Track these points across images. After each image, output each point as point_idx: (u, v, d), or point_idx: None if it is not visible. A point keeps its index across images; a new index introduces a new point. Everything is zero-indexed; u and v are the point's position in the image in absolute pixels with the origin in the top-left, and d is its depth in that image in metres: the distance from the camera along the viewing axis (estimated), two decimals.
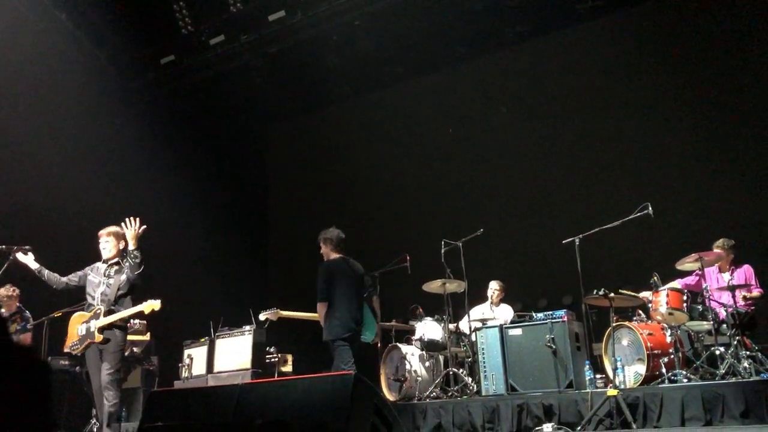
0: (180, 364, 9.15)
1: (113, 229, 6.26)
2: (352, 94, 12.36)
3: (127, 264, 6.06)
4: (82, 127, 9.89)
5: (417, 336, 7.98)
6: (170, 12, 10.59)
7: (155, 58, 11.17)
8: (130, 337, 8.33)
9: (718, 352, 6.10)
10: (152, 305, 6.08)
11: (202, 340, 9.08)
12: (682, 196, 9.10)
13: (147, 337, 8.97)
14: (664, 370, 6.16)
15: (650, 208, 6.51)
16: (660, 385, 5.98)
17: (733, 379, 5.72)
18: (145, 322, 8.68)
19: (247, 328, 8.65)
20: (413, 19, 10.29)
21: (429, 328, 7.90)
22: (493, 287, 8.48)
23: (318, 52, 10.94)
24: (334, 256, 6.84)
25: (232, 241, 11.77)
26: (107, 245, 6.24)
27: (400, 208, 11.39)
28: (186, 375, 8.99)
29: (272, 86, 11.74)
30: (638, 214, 6.62)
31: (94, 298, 6.13)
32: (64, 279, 6.31)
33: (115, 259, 6.24)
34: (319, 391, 3.65)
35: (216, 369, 8.74)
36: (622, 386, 6.09)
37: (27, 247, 6.40)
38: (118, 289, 6.10)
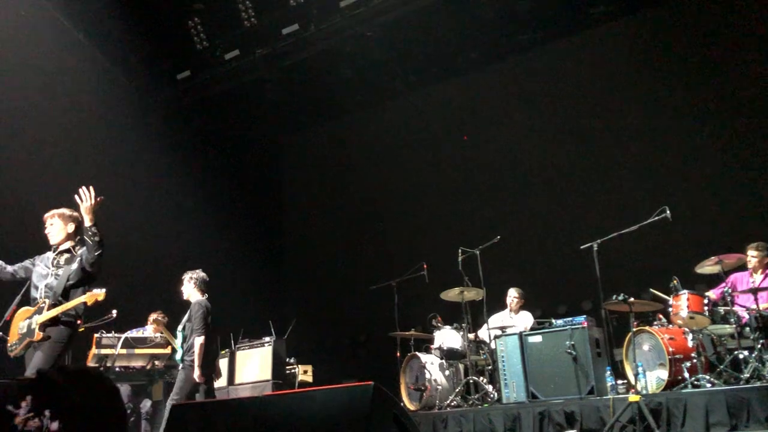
0: None
1: (60, 210, 5.42)
2: (366, 104, 12.41)
3: (83, 249, 5.22)
4: (100, 143, 10.01)
5: (436, 345, 7.97)
6: (185, 28, 10.74)
7: (171, 73, 11.30)
8: (152, 351, 8.40)
9: (741, 356, 6.02)
10: (96, 295, 5.20)
11: (223, 352, 9.12)
12: (700, 199, 9.02)
13: (168, 350, 9.01)
14: (686, 375, 6.10)
15: (668, 212, 6.45)
16: (683, 390, 5.92)
17: (758, 383, 5.63)
18: (164, 335, 8.73)
19: (267, 339, 8.70)
20: (425, 28, 10.33)
21: (448, 337, 7.88)
22: (512, 295, 8.44)
23: (331, 64, 11.02)
24: (202, 295, 6.87)
25: (249, 253, 11.83)
26: (52, 229, 5.41)
27: (417, 217, 11.40)
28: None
29: (287, 98, 11.83)
30: (656, 218, 6.57)
31: (38, 290, 5.28)
32: (10, 269, 5.45)
33: (66, 246, 5.40)
34: (338, 402, 3.65)
35: (237, 381, 8.79)
36: (645, 392, 6.02)
37: None
38: (68, 280, 5.24)
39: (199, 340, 6.48)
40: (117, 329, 7.63)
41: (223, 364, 9.02)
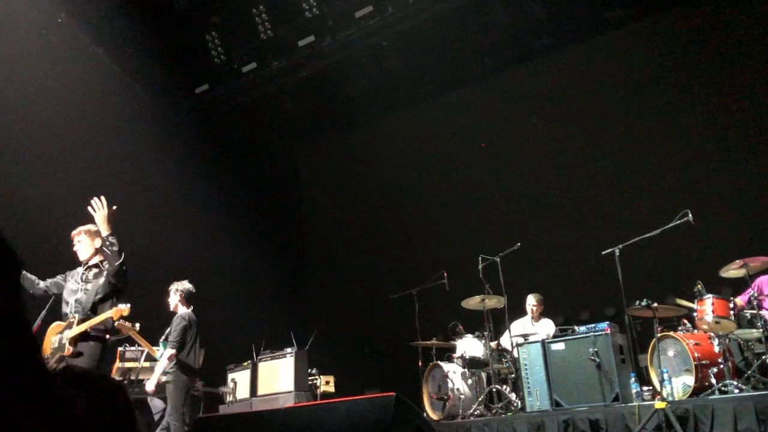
0: (224, 389, 9.23)
1: (86, 227, 5.48)
2: (383, 113, 12.44)
3: (106, 260, 5.30)
4: (120, 158, 10.13)
5: (458, 354, 7.93)
6: (203, 42, 10.86)
7: (190, 87, 11.43)
8: None
9: None
10: (121, 310, 5.24)
11: (245, 363, 9.15)
12: (722, 201, 8.91)
13: None
14: (713, 381, 6.01)
15: (690, 215, 6.38)
16: (710, 397, 5.83)
17: None
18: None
19: (289, 350, 8.71)
20: (440, 36, 10.34)
21: (470, 345, 7.85)
22: (531, 302, 8.37)
23: (348, 74, 11.07)
24: (187, 307, 6.87)
25: (269, 265, 11.87)
26: (80, 245, 5.51)
27: (436, 225, 11.38)
28: (230, 399, 9.06)
29: (304, 109, 11.89)
30: (678, 221, 6.50)
31: (69, 306, 5.36)
32: (42, 285, 5.55)
33: (94, 261, 5.49)
34: (360, 413, 3.65)
35: (260, 392, 8.79)
36: (671, 398, 5.95)
37: None
38: (96, 294, 5.30)
39: (168, 352, 6.51)
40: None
41: (245, 375, 9.06)
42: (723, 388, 5.88)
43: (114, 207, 5.26)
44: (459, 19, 10.07)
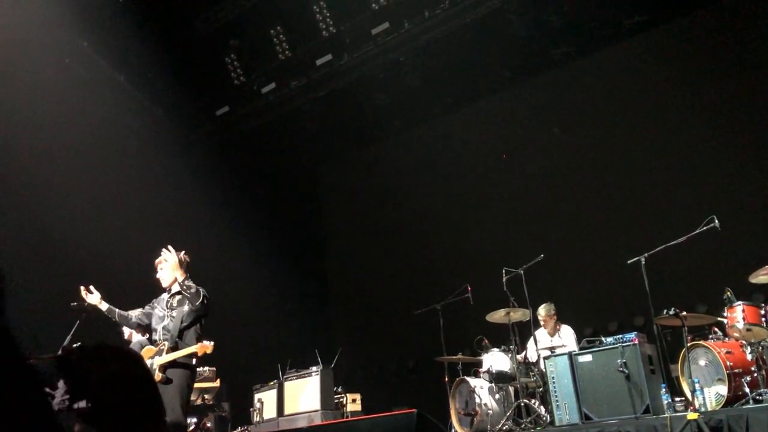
0: (251, 409, 9.23)
1: (165, 254, 5.82)
2: (403, 128, 12.45)
3: (187, 297, 5.68)
4: (142, 181, 10.26)
5: (485, 368, 7.83)
6: (222, 64, 11.00)
7: (210, 110, 11.56)
8: (202, 385, 8.48)
9: None
10: (205, 347, 5.56)
11: (271, 383, 9.15)
12: (749, 206, 8.74)
13: (217, 383, 9.08)
14: (747, 390, 5.85)
15: (716, 221, 6.25)
16: (744, 406, 5.68)
17: None
18: (214, 368, 8.80)
19: (314, 369, 8.69)
20: (458, 50, 10.33)
21: (496, 360, 7.75)
22: (540, 315, 8.24)
23: (366, 91, 11.11)
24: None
25: (293, 283, 11.89)
26: (162, 273, 5.90)
27: (458, 239, 11.32)
28: (257, 419, 9.06)
29: (323, 127, 11.94)
30: (704, 228, 6.38)
31: (157, 333, 5.73)
32: (134, 318, 5.95)
33: (176, 287, 5.80)
34: (382, 430, 3.61)
35: (286, 412, 8.77)
36: (703, 409, 5.81)
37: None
38: (182, 322, 5.65)
39: None
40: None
41: (271, 395, 9.06)
42: (757, 397, 5.72)
43: (183, 252, 5.74)
44: (475, 32, 10.05)
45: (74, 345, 5.26)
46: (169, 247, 5.73)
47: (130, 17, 9.89)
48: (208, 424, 8.72)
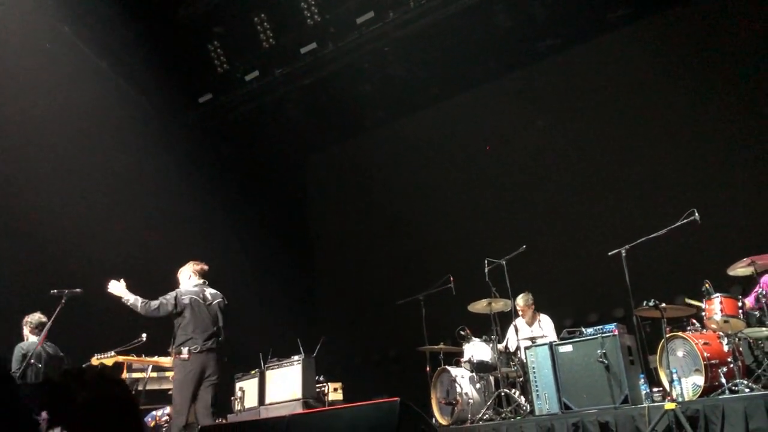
0: (232, 397, 9.21)
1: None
2: (388, 119, 12.43)
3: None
4: (125, 169, 10.17)
5: (466, 358, 7.89)
6: (205, 52, 10.90)
7: (194, 97, 11.47)
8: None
9: None
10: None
11: (253, 372, 9.13)
12: (729, 199, 8.83)
13: None
14: (723, 381, 5.95)
15: (696, 214, 6.34)
16: (720, 397, 5.77)
17: None
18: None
19: (296, 358, 8.68)
20: (443, 41, 10.33)
21: (478, 350, 7.80)
22: (518, 305, 8.28)
23: (351, 81, 11.07)
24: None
25: (276, 273, 11.86)
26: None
27: (441, 229, 11.34)
28: (239, 408, 9.04)
29: (308, 117, 11.91)
30: (684, 221, 6.46)
31: None
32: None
33: None
34: (365, 419, 3.63)
35: (267, 401, 8.76)
36: (681, 399, 5.89)
37: (78, 290, 6.52)
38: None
39: None
40: (147, 353, 7.72)
41: (253, 384, 9.04)
42: (733, 388, 5.83)
43: (121, 279, 6.59)
44: (461, 22, 10.04)
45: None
46: (121, 280, 6.68)
47: (113, 2, 9.76)
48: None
